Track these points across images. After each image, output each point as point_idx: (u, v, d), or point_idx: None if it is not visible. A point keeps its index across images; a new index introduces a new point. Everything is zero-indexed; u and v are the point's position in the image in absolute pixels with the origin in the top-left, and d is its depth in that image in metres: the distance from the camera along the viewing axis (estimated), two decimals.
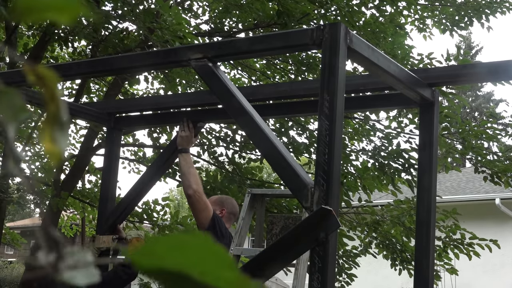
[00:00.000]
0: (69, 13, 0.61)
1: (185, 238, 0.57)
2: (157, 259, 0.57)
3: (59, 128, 0.64)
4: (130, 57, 4.04)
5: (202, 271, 0.57)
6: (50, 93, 0.64)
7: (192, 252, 0.57)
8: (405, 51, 7.52)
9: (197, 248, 0.57)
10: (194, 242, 0.57)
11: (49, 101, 0.64)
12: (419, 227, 3.55)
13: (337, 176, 2.73)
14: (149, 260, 0.57)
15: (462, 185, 16.93)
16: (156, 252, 0.57)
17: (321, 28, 2.85)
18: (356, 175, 7.22)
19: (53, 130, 0.64)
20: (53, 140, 0.63)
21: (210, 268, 0.57)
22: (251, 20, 7.54)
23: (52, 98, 0.64)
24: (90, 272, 0.60)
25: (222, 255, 0.57)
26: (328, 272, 2.64)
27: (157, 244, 0.57)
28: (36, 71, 0.63)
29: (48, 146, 0.63)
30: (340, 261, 7.46)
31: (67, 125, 0.65)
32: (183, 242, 0.57)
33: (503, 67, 3.46)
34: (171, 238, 0.57)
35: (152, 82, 8.61)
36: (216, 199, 4.25)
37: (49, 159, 0.64)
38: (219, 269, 0.57)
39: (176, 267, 0.57)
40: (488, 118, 7.93)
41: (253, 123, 3.08)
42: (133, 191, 4.45)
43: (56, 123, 0.64)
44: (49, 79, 0.64)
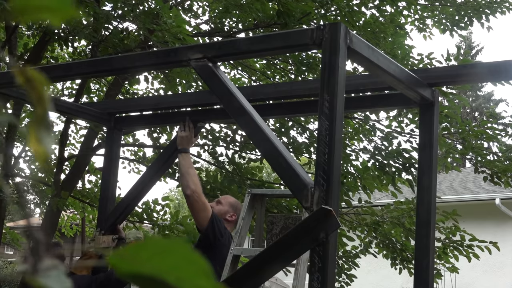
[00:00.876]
0: (62, 15, 0.62)
1: (165, 244, 0.59)
2: (135, 264, 0.58)
3: (45, 129, 0.65)
4: (130, 57, 4.04)
5: (178, 277, 0.58)
6: (37, 95, 0.65)
7: (170, 258, 0.58)
8: (405, 51, 7.52)
9: (175, 254, 0.58)
10: (173, 248, 0.58)
11: (37, 102, 0.65)
12: (419, 227, 3.55)
13: (337, 176, 2.73)
14: (127, 265, 0.59)
15: (462, 185, 16.93)
16: (135, 257, 0.58)
17: (321, 28, 2.85)
18: (356, 175, 7.22)
19: (39, 131, 0.65)
20: (39, 141, 0.65)
21: (187, 275, 0.58)
22: (251, 20, 7.54)
23: (39, 100, 0.65)
24: (62, 279, 0.61)
25: (200, 263, 0.58)
26: (328, 272, 2.64)
27: (137, 249, 0.59)
28: (25, 73, 0.64)
29: (34, 147, 0.65)
30: (340, 262, 7.46)
31: (52, 126, 0.66)
32: (163, 248, 0.58)
33: (503, 67, 3.46)
34: (151, 243, 0.59)
35: (152, 82, 8.61)
36: (233, 202, 4.24)
37: (36, 159, 0.65)
38: (196, 277, 0.58)
39: (153, 273, 0.58)
40: (488, 118, 7.93)
41: (253, 123, 3.08)
42: (133, 191, 4.46)
43: (43, 124, 0.65)
44: (37, 81, 0.65)
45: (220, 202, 4.23)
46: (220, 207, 4.15)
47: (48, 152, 0.64)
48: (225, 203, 4.21)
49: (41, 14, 0.62)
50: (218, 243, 3.88)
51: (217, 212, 4.04)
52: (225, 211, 4.15)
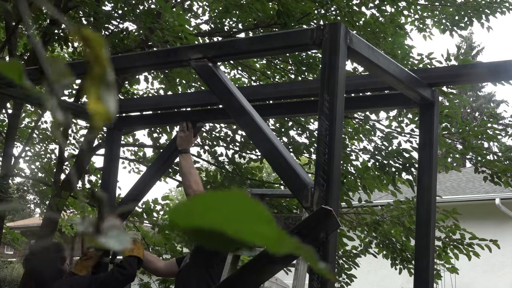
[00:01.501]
0: None
1: (221, 196, 0.57)
2: (192, 218, 0.57)
3: (105, 87, 0.64)
4: (130, 57, 4.04)
5: (237, 228, 0.56)
6: (95, 54, 0.64)
7: (228, 210, 0.56)
8: (405, 51, 7.52)
9: (233, 205, 0.56)
10: (230, 199, 0.56)
11: (94, 62, 0.64)
12: (419, 227, 3.55)
13: (337, 176, 2.73)
14: (184, 219, 0.57)
15: (462, 185, 16.93)
16: (192, 210, 0.57)
17: (321, 28, 2.85)
18: (356, 175, 7.22)
19: (99, 90, 0.63)
20: (100, 100, 0.63)
21: (246, 224, 0.56)
22: (251, 20, 7.54)
23: (97, 59, 0.64)
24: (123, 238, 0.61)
25: (259, 211, 0.56)
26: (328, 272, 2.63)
27: (193, 203, 0.57)
28: (81, 33, 0.64)
29: (94, 106, 0.63)
30: (340, 261, 7.46)
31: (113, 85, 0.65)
32: (219, 200, 0.57)
33: (503, 67, 3.46)
34: (206, 196, 0.57)
35: (152, 82, 8.61)
36: None
37: (95, 119, 0.63)
38: (255, 225, 0.56)
39: (211, 226, 0.56)
40: (488, 118, 7.93)
41: (253, 123, 3.08)
42: (133, 191, 4.46)
43: (102, 83, 0.64)
44: (94, 40, 0.64)
45: None
46: None
47: (109, 112, 0.63)
48: None
49: None
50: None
51: None
52: None
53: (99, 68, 0.64)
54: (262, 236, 0.57)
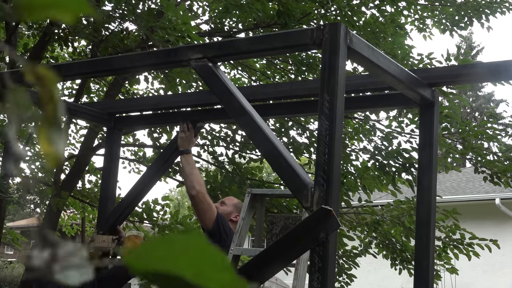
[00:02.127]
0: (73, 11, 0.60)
1: (180, 240, 0.57)
2: (151, 262, 0.57)
3: (56, 129, 0.63)
4: (130, 57, 4.04)
5: (196, 273, 0.56)
6: (48, 94, 0.63)
7: (187, 254, 0.56)
8: (405, 51, 7.52)
9: (192, 250, 0.56)
10: (189, 244, 0.56)
11: (47, 101, 0.63)
12: (419, 227, 3.55)
13: (337, 176, 2.73)
14: (143, 263, 0.57)
15: (462, 185, 16.93)
16: (151, 254, 0.57)
17: (321, 28, 2.85)
18: (356, 175, 7.22)
19: (50, 131, 0.63)
20: (50, 141, 0.63)
21: (205, 270, 0.56)
22: (251, 20, 7.54)
23: (50, 99, 0.63)
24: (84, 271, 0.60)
25: (218, 257, 0.57)
26: (328, 272, 2.64)
27: (152, 246, 0.57)
28: (35, 71, 0.63)
29: (45, 148, 0.63)
30: (340, 261, 7.46)
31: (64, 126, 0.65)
32: (178, 244, 0.57)
33: (503, 67, 3.47)
34: (166, 240, 0.57)
35: (152, 82, 8.61)
36: (238, 203, 4.25)
37: (47, 161, 0.63)
38: (214, 271, 0.56)
39: (170, 270, 0.56)
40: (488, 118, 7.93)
41: (253, 123, 3.08)
42: (133, 191, 4.46)
43: (54, 124, 0.63)
44: (48, 79, 0.63)
45: (224, 203, 4.23)
46: (224, 207, 4.16)
47: (59, 153, 0.63)
48: (229, 204, 4.22)
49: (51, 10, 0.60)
50: (223, 243, 3.88)
51: (221, 213, 4.05)
52: (230, 211, 4.15)
53: (51, 108, 0.63)
54: (220, 283, 0.57)
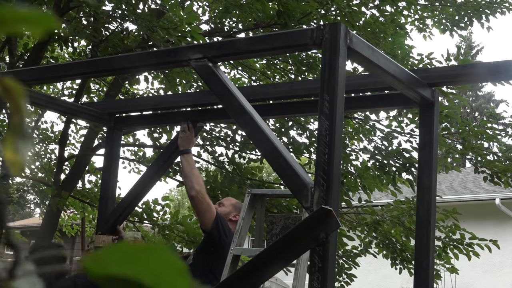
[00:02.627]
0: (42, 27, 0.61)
1: (140, 247, 0.58)
2: (110, 267, 0.57)
3: (21, 138, 0.64)
4: (130, 57, 4.04)
5: (156, 280, 0.57)
6: (15, 105, 0.65)
7: (147, 261, 0.57)
8: (405, 51, 7.52)
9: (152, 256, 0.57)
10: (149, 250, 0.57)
11: (14, 111, 0.65)
12: (419, 227, 3.55)
13: (337, 176, 2.73)
14: (101, 268, 0.58)
15: (462, 185, 16.93)
16: (110, 260, 0.57)
17: (321, 28, 2.85)
18: (356, 174, 7.22)
19: (15, 140, 0.64)
20: (14, 150, 0.64)
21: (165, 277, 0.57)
22: (251, 20, 7.54)
23: (17, 110, 0.65)
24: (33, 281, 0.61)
25: (177, 265, 0.58)
26: (328, 272, 2.64)
27: (111, 253, 0.58)
28: (2, 83, 0.64)
29: (9, 156, 0.64)
30: (340, 261, 7.46)
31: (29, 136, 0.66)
32: (138, 251, 0.57)
33: (503, 67, 3.46)
34: (126, 246, 0.58)
35: (152, 82, 8.61)
36: (236, 203, 4.26)
37: (10, 168, 0.65)
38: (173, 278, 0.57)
39: (129, 276, 0.57)
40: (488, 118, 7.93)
41: (253, 123, 3.08)
42: (133, 191, 4.46)
43: (19, 133, 0.64)
44: (15, 91, 0.65)
45: (222, 204, 4.24)
46: (223, 208, 4.16)
47: (23, 162, 0.64)
48: (228, 205, 4.23)
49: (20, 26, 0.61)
50: (223, 243, 3.88)
51: (220, 213, 4.05)
52: (228, 211, 4.16)
53: (18, 118, 0.65)
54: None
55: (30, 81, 4.09)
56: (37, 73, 4.19)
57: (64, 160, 8.18)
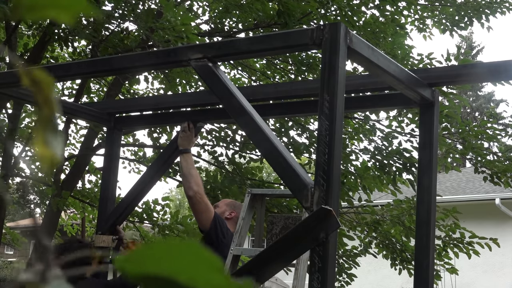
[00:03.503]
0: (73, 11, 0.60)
1: (173, 244, 0.57)
2: (145, 266, 0.57)
3: (52, 131, 0.63)
4: (130, 57, 4.04)
5: (190, 276, 0.56)
6: (44, 96, 0.63)
7: (180, 258, 0.57)
8: (405, 51, 7.52)
9: (185, 253, 0.57)
10: (182, 248, 0.57)
11: (43, 104, 0.63)
12: (419, 227, 3.55)
13: (337, 176, 2.73)
14: (137, 267, 0.57)
15: (462, 185, 16.93)
16: (145, 258, 0.57)
17: (321, 28, 2.85)
18: (356, 174, 7.22)
19: (45, 134, 0.63)
20: (46, 144, 0.63)
21: (199, 273, 0.57)
22: (251, 20, 7.54)
23: (46, 101, 0.63)
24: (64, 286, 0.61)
25: (211, 260, 0.57)
26: (328, 272, 2.64)
27: (145, 251, 0.57)
28: (31, 74, 0.63)
29: (41, 150, 0.63)
30: (340, 261, 7.46)
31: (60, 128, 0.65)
32: (172, 248, 0.57)
33: (503, 67, 3.46)
34: (159, 244, 0.57)
35: (152, 82, 8.61)
36: (230, 202, 4.29)
37: (42, 163, 0.63)
38: (208, 274, 0.57)
39: (164, 273, 0.56)
40: (488, 118, 7.93)
41: (253, 123, 3.08)
42: (133, 191, 4.45)
43: (49, 126, 0.63)
44: (44, 82, 0.63)
45: (217, 205, 4.26)
46: (217, 209, 4.16)
47: (55, 155, 0.63)
48: (222, 205, 4.25)
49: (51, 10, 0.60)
50: (221, 243, 3.88)
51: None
52: (223, 210, 4.17)
53: (48, 110, 0.63)
54: (214, 285, 0.57)
55: None
56: None
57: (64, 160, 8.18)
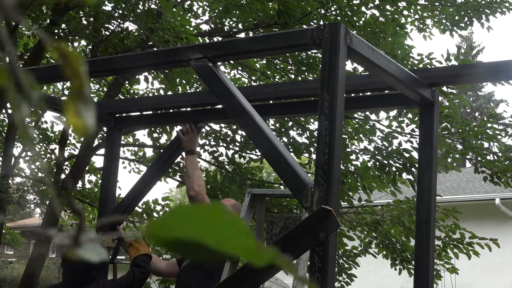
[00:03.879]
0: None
1: (200, 209, 0.58)
2: (173, 231, 0.58)
3: (83, 102, 0.65)
4: (130, 57, 4.04)
5: (218, 240, 0.58)
6: (74, 70, 0.65)
7: (207, 222, 0.58)
8: (405, 51, 7.52)
9: (212, 218, 0.58)
10: (209, 212, 0.58)
11: (73, 77, 0.65)
12: (419, 227, 3.55)
13: (337, 176, 2.73)
14: (165, 232, 0.58)
15: (462, 185, 16.92)
16: (172, 224, 0.58)
17: (321, 28, 2.85)
18: (356, 174, 7.22)
19: (77, 105, 0.65)
20: (78, 114, 0.65)
21: (226, 237, 0.58)
22: (251, 20, 7.54)
23: (75, 74, 0.65)
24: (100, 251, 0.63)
25: (238, 224, 0.58)
26: (328, 272, 2.64)
27: (172, 216, 0.58)
28: (60, 49, 0.65)
29: (73, 121, 0.65)
30: (340, 261, 7.46)
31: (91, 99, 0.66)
32: (199, 213, 0.58)
33: (503, 67, 3.46)
34: (186, 209, 0.58)
35: (152, 82, 8.61)
36: (235, 204, 4.26)
37: (75, 133, 0.66)
38: (235, 238, 0.58)
39: (192, 238, 0.57)
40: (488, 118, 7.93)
41: (253, 123, 3.08)
42: (133, 191, 4.46)
43: (80, 97, 0.65)
44: (72, 55, 0.66)
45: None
46: None
47: (87, 124, 0.65)
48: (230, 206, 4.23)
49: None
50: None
51: None
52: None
53: (77, 82, 0.65)
54: (241, 248, 0.58)
55: None
56: (37, 73, 4.19)
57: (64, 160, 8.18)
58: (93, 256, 0.61)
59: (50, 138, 10.14)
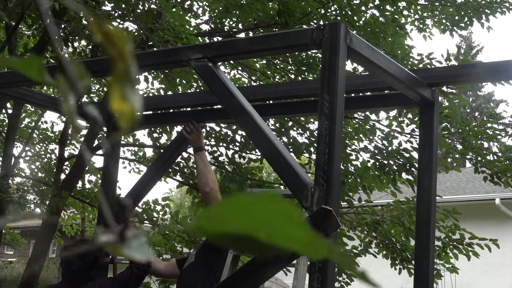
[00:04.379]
0: None
1: (251, 199, 0.54)
2: (222, 224, 0.54)
3: (129, 85, 0.60)
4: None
5: (269, 233, 0.53)
6: (118, 50, 0.61)
7: (258, 214, 0.54)
8: (405, 51, 7.51)
9: (264, 208, 0.54)
10: (261, 202, 0.53)
11: (117, 58, 0.61)
12: (419, 227, 3.55)
13: (337, 176, 2.73)
14: (215, 225, 0.55)
15: (462, 185, 16.92)
16: (222, 215, 0.54)
17: (321, 28, 2.85)
18: (356, 174, 7.22)
19: (122, 88, 0.60)
20: (123, 98, 0.60)
21: (279, 228, 0.54)
22: (251, 20, 7.54)
23: (120, 55, 0.61)
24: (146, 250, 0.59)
25: (291, 213, 0.54)
26: (328, 272, 2.64)
27: (222, 208, 0.55)
28: (103, 29, 0.61)
29: (118, 105, 0.60)
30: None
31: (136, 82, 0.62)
32: (250, 204, 0.54)
33: (503, 67, 3.46)
34: (236, 201, 0.54)
35: (152, 82, 8.61)
36: None
37: (120, 119, 0.60)
38: (289, 229, 0.54)
39: (242, 231, 0.54)
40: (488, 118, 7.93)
41: (253, 123, 3.08)
42: (133, 191, 4.46)
43: (126, 80, 0.61)
44: (117, 36, 0.61)
45: None
46: None
47: (133, 109, 0.60)
48: None
49: None
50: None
51: None
52: None
53: (122, 64, 0.61)
54: (295, 240, 0.54)
55: (30, 81, 4.09)
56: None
57: (64, 160, 8.18)
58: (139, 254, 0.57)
59: (50, 138, 10.15)
